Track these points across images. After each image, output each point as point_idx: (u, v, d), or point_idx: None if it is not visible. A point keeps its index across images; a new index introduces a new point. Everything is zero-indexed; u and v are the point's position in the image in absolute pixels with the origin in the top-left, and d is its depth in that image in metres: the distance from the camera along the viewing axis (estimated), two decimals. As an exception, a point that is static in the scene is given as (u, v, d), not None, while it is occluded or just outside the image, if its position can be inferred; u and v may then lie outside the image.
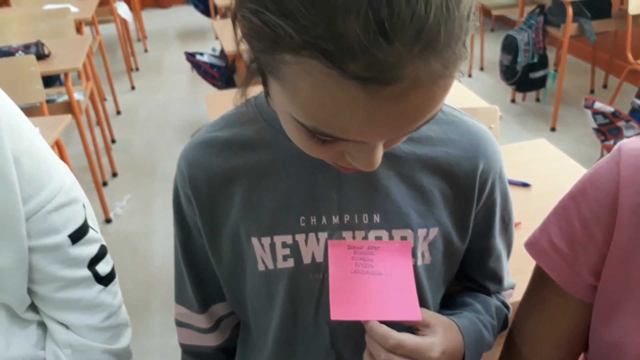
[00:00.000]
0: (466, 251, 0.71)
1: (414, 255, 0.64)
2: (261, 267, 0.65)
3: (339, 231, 0.64)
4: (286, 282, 0.65)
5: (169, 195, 0.71)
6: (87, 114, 3.09)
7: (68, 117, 1.91)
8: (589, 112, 2.56)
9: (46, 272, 0.73)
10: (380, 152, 0.49)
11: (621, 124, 2.50)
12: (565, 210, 0.61)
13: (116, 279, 0.83)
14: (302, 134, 0.48)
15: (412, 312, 0.61)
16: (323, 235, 0.63)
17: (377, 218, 0.63)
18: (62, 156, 2.03)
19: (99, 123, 3.24)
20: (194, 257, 0.72)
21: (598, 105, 2.50)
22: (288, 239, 0.64)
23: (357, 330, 0.65)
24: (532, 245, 0.65)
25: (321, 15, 0.37)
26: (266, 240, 0.64)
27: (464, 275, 0.75)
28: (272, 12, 0.39)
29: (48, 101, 2.48)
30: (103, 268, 0.79)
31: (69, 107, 2.46)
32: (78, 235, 0.75)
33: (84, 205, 0.77)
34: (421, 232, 0.64)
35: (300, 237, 0.63)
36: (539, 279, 0.67)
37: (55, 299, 0.75)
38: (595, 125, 2.58)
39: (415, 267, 0.65)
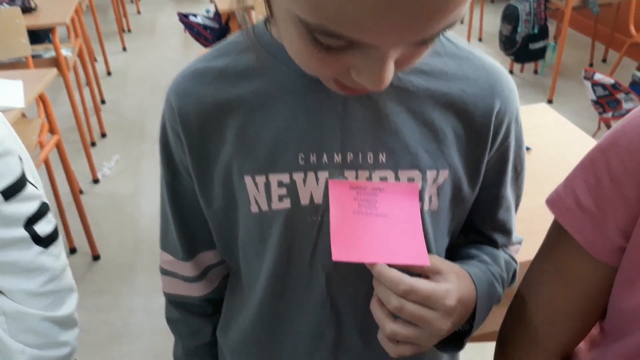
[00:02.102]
0: (475, 200, 0.66)
1: (421, 199, 0.60)
2: (254, 209, 0.61)
3: (341, 170, 0.59)
4: (281, 225, 0.60)
5: (158, 156, 0.67)
6: (76, 73, 3.01)
7: (54, 71, 1.84)
8: (588, 84, 2.52)
9: None
10: (390, 67, 0.44)
11: (620, 96, 2.46)
12: (593, 163, 0.55)
13: (59, 240, 0.77)
14: (304, 40, 0.42)
15: (420, 256, 0.57)
16: (323, 175, 0.59)
17: (382, 157, 0.59)
18: (47, 113, 1.97)
19: (88, 83, 3.16)
20: (181, 200, 0.67)
21: (598, 76, 2.45)
22: (285, 178, 0.59)
23: (355, 278, 0.62)
24: (554, 203, 0.58)
25: None
26: (260, 179, 0.59)
27: (470, 228, 0.71)
28: None
29: (34, 57, 2.40)
30: (43, 228, 0.73)
31: (56, 63, 2.38)
32: (12, 190, 0.68)
33: (20, 158, 0.71)
34: (430, 174, 0.60)
35: (298, 176, 0.58)
36: (557, 239, 0.60)
37: None
38: (594, 97, 2.54)
39: (421, 212, 0.60)
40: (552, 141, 1.39)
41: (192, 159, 0.62)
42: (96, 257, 2.28)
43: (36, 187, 0.73)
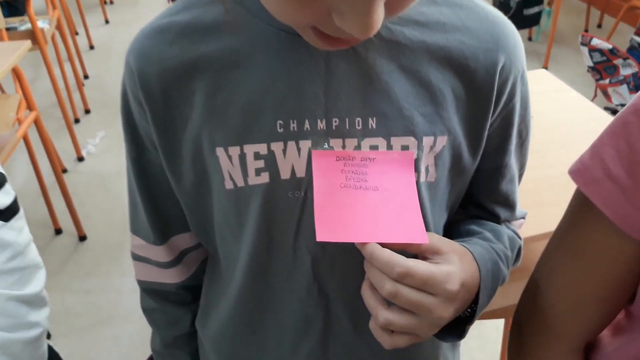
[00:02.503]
0: (475, 170, 0.60)
1: (417, 170, 0.54)
2: (229, 185, 0.54)
3: (326, 139, 0.52)
4: (259, 203, 0.54)
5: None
6: (55, 47, 2.89)
7: (27, 43, 1.74)
8: (585, 50, 2.46)
9: None
10: (379, 9, 0.38)
11: (618, 61, 2.40)
12: (625, 127, 0.48)
13: (21, 213, 0.71)
14: None
15: (417, 234, 0.50)
16: (305, 144, 0.52)
17: (373, 123, 0.52)
18: (23, 88, 1.88)
19: (69, 58, 3.05)
20: (149, 177, 0.61)
21: (595, 42, 2.38)
22: (262, 149, 0.52)
23: (344, 261, 0.56)
24: (579, 173, 0.51)
25: None
26: (234, 151, 0.52)
27: (469, 201, 0.65)
28: None
29: (9, 29, 2.30)
30: (1, 200, 0.67)
31: (32, 36, 2.28)
32: None
33: None
34: (427, 141, 0.53)
35: (277, 147, 0.52)
36: (580, 214, 0.53)
37: None
38: (590, 63, 2.48)
39: (417, 184, 0.54)
40: (554, 108, 1.34)
41: (157, 130, 0.55)
42: (83, 238, 2.21)
43: None
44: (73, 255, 2.15)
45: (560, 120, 1.32)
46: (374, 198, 0.52)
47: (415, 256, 0.51)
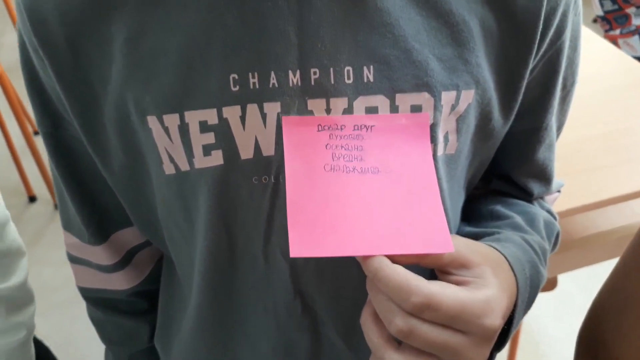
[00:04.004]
0: (505, 135, 0.46)
1: (433, 140, 0.39)
2: (169, 169, 0.40)
3: (302, 99, 0.38)
4: (213, 192, 0.40)
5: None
6: None
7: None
8: (595, -2, 2.30)
9: None
10: None
11: (631, 10, 2.27)
12: None
13: None
14: None
15: (439, 238, 0.36)
16: (273, 108, 0.37)
17: (369, 73, 0.37)
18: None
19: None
20: (72, 157, 0.46)
21: (607, -12, 2.23)
22: (210, 116, 0.37)
23: (335, 268, 0.42)
24: None
25: None
26: (172, 120, 0.38)
27: (493, 173, 0.51)
28: None
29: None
30: None
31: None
32: None
33: None
34: (447, 98, 0.39)
35: (231, 112, 0.37)
36: None
37: None
38: (601, 13, 2.34)
39: (434, 159, 0.40)
40: (600, 73, 1.18)
41: (67, 93, 0.40)
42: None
43: None
44: (50, 224, 2.01)
45: (588, 72, 1.17)
46: (373, 186, 0.37)
47: (431, 270, 0.37)
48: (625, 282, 0.43)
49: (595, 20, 2.39)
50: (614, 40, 2.41)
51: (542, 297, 1.00)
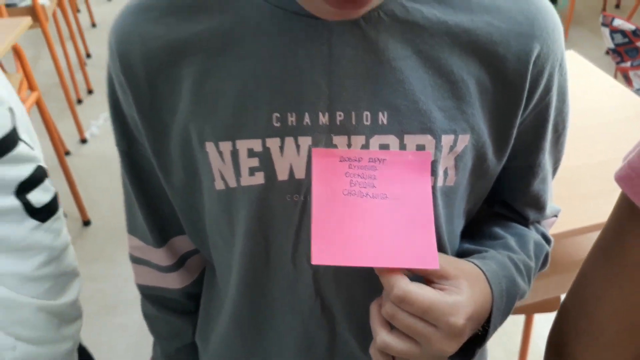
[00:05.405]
0: (503, 169, 0.53)
1: (434, 173, 0.47)
2: (219, 185, 0.48)
3: (328, 135, 0.46)
4: (253, 207, 0.48)
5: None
6: (57, 25, 2.81)
7: (28, 19, 1.67)
8: (606, 31, 2.36)
9: None
10: None
11: (641, 43, 2.31)
12: None
13: (59, 214, 0.64)
14: None
15: (428, 257, 0.44)
16: (305, 141, 0.46)
17: (383, 117, 0.45)
18: (24, 67, 1.80)
19: (71, 36, 2.96)
20: (143, 174, 0.54)
21: (617, 22, 2.29)
22: (256, 145, 0.46)
23: (350, 275, 0.50)
24: (628, 180, 0.42)
25: None
26: (226, 146, 0.46)
27: (494, 199, 0.58)
28: None
29: (8, 5, 2.21)
30: (39, 197, 0.60)
31: (32, 12, 2.19)
32: (1, 148, 0.56)
33: (11, 110, 0.58)
34: (446, 140, 0.46)
35: (273, 143, 0.46)
36: (630, 226, 0.45)
37: None
38: (611, 45, 2.39)
39: (434, 189, 0.48)
40: (584, 92, 1.26)
41: (143, 121, 0.49)
42: (87, 223, 2.15)
43: (31, 148, 0.60)
44: (77, 240, 2.09)
45: (593, 105, 1.24)
46: (381, 209, 0.45)
47: (419, 277, 0.45)
48: (582, 285, 0.51)
49: (607, 53, 2.44)
50: (625, 73, 2.47)
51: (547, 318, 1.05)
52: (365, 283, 0.48)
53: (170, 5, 0.46)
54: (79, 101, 2.85)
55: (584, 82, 1.34)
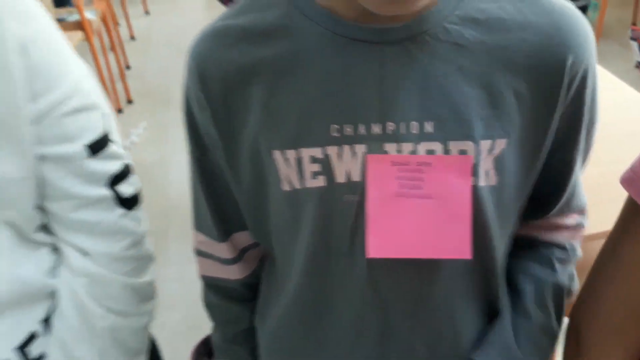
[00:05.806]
0: (543, 167, 0.59)
1: (475, 174, 0.53)
2: (286, 187, 0.55)
3: (381, 143, 0.52)
4: (316, 205, 0.55)
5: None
6: (100, 38, 2.95)
7: (79, 34, 1.78)
8: (634, 44, 2.38)
9: (60, 187, 0.64)
10: None
11: (670, 57, 2.33)
12: None
13: (141, 205, 0.74)
14: None
15: (462, 247, 0.51)
16: (360, 149, 0.52)
17: (429, 127, 0.52)
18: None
19: (112, 48, 3.10)
20: (212, 177, 0.62)
21: (647, 36, 2.31)
22: (317, 153, 0.53)
23: (400, 264, 0.56)
24: (631, 182, 0.49)
25: None
26: (291, 154, 0.53)
27: (526, 239, 0.65)
28: None
29: (58, 20, 2.34)
30: (126, 189, 0.69)
31: (80, 26, 2.32)
32: (96, 147, 0.65)
33: (103, 115, 0.67)
34: (484, 145, 0.52)
35: (332, 150, 0.53)
36: (634, 225, 0.50)
37: (70, 220, 0.67)
38: (640, 59, 2.41)
39: (476, 188, 0.53)
40: (610, 105, 1.30)
41: (218, 129, 0.57)
42: (127, 226, 2.25)
43: (119, 147, 0.70)
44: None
45: (617, 119, 1.28)
46: (426, 208, 0.52)
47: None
48: (594, 277, 0.58)
49: (637, 66, 2.46)
50: (654, 86, 2.48)
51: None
52: (417, 274, 0.55)
53: (242, 33, 0.53)
54: (120, 111, 2.98)
55: (609, 95, 1.38)
